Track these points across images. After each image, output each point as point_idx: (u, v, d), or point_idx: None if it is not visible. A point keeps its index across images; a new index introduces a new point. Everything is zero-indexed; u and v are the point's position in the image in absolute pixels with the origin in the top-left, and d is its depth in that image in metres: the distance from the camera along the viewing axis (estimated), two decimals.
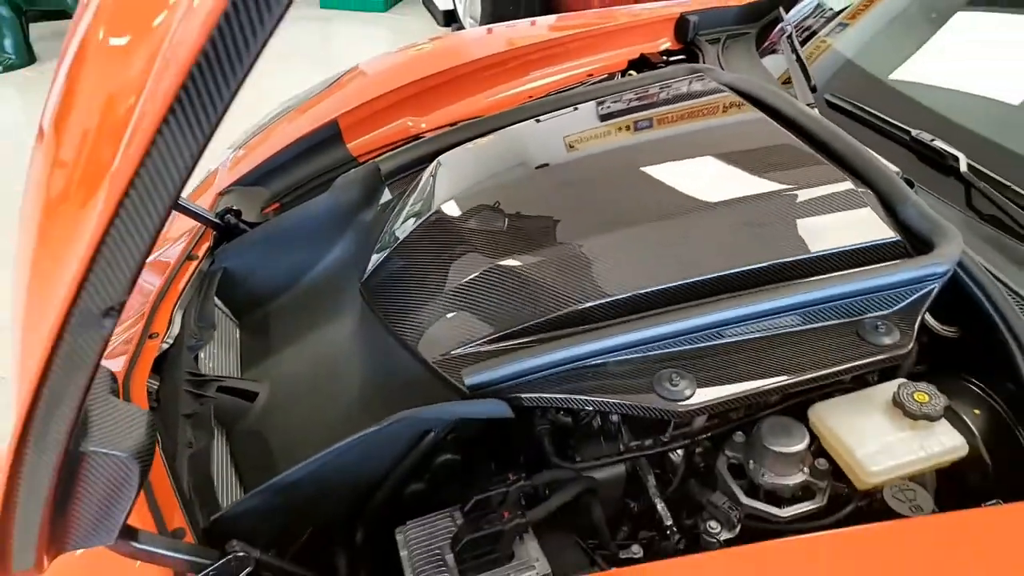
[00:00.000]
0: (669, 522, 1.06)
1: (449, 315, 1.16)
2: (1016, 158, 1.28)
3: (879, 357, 1.02)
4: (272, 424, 1.26)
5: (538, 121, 1.56)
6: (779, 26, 1.94)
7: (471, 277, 1.17)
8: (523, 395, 1.02)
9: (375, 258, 1.37)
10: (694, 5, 2.15)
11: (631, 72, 1.99)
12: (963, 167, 1.26)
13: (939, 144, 1.31)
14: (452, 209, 1.31)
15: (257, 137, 1.89)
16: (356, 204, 1.54)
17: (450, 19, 5.79)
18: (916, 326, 1.05)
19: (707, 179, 1.27)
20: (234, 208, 1.59)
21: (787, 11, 2.01)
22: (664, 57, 2.02)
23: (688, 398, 0.99)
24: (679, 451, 1.11)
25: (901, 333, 1.04)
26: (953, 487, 1.03)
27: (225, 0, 0.49)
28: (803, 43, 1.83)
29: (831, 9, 1.93)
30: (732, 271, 1.10)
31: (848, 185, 1.19)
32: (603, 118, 1.53)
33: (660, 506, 1.07)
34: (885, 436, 1.01)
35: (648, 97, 1.58)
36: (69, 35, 0.68)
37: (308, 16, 6.26)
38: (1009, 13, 1.71)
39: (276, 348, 1.42)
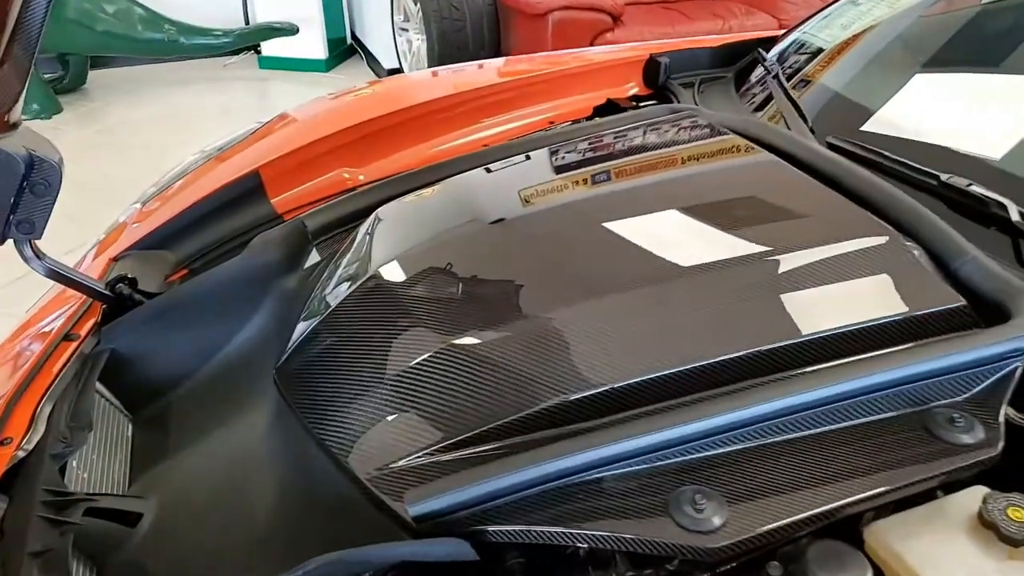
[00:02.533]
0: None
1: (388, 415, 0.88)
2: None
3: (963, 463, 0.77)
4: (158, 558, 0.97)
5: (497, 168, 1.31)
6: (759, 66, 1.75)
7: (417, 362, 0.90)
8: (489, 528, 0.75)
9: (297, 335, 1.09)
10: (659, 48, 1.95)
11: (597, 119, 1.77)
12: (1014, 216, 1.04)
13: (978, 190, 1.09)
14: (393, 272, 1.05)
15: (163, 192, 1.61)
16: (276, 268, 1.27)
17: None
18: (1001, 417, 0.81)
19: (713, 234, 1.03)
20: (128, 276, 1.31)
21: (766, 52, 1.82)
22: (634, 103, 1.81)
23: (719, 527, 0.72)
24: None
25: (985, 427, 0.80)
26: None
27: None
28: (762, 104, 1.64)
29: (816, 48, 1.74)
30: (756, 351, 0.85)
31: (893, 238, 0.95)
32: (577, 164, 1.29)
33: None
34: (976, 570, 0.75)
35: (629, 140, 1.34)
36: None
37: (246, 76, 6.03)
38: None
39: (173, 451, 1.14)
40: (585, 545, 0.75)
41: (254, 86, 5.90)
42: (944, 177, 1.14)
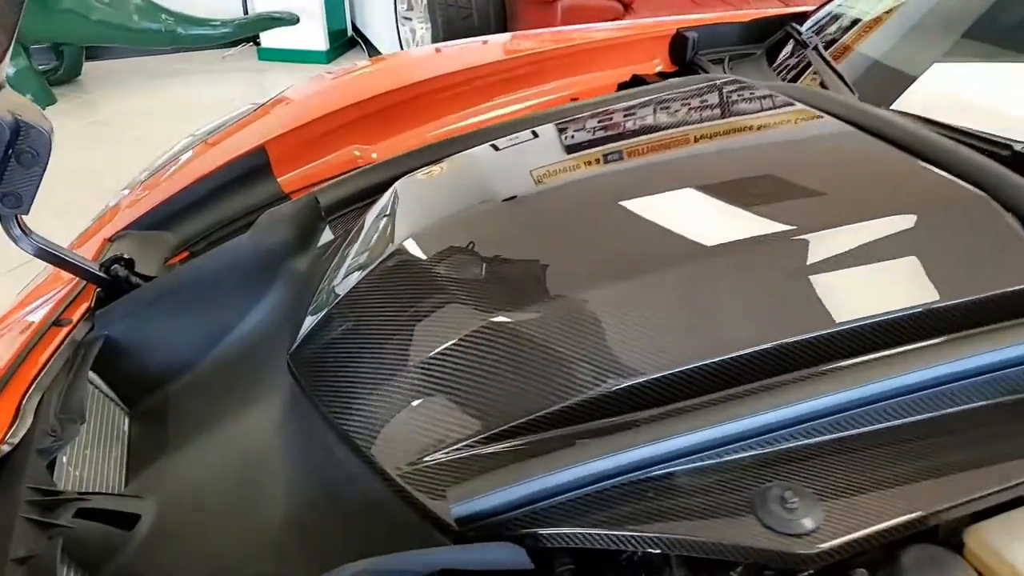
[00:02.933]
0: None
1: (420, 403, 0.78)
2: None
3: None
4: (158, 564, 0.87)
5: (532, 139, 1.21)
6: (792, 41, 1.65)
7: (452, 344, 0.80)
8: (542, 531, 0.65)
9: (311, 319, 0.99)
10: (685, 23, 1.85)
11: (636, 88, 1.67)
12: None
13: None
14: (422, 248, 0.95)
15: (162, 170, 1.51)
16: (287, 247, 1.16)
17: None
18: None
19: (785, 205, 0.92)
20: (125, 257, 1.20)
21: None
22: (661, 79, 1.71)
23: (814, 530, 0.62)
24: None
25: None
26: None
27: None
28: (799, 74, 1.56)
29: (854, 19, 1.64)
30: (838, 330, 0.75)
31: (988, 206, 0.85)
32: (622, 136, 1.18)
33: None
34: None
35: (680, 109, 1.23)
36: None
37: (245, 68, 5.93)
38: None
39: (174, 446, 1.03)
40: (657, 550, 0.65)
41: (253, 78, 5.80)
42: (1019, 147, 1.05)
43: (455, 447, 0.73)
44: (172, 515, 0.92)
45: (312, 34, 5.81)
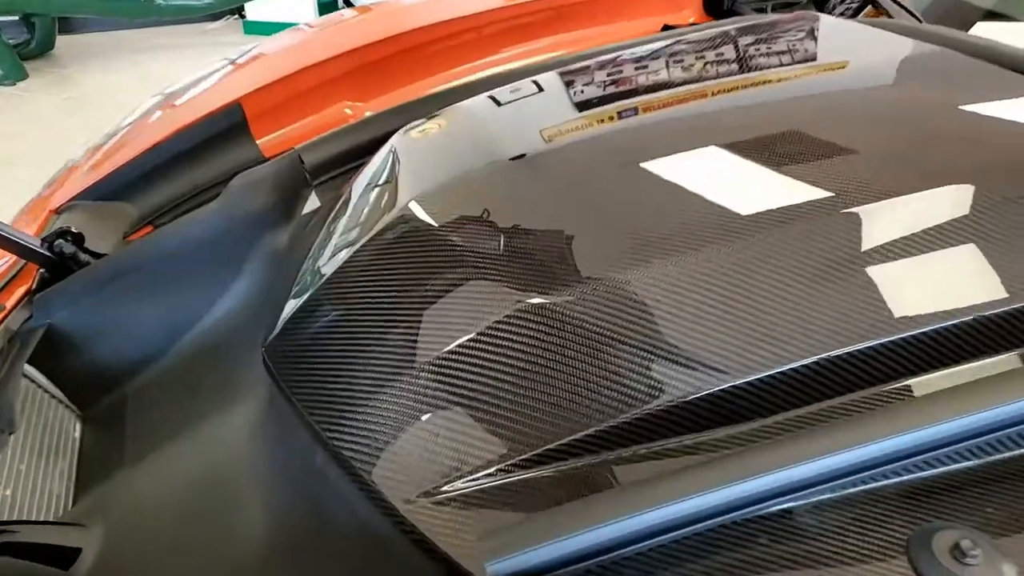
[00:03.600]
0: None
1: (428, 413, 0.60)
2: None
3: None
4: None
5: (556, 85, 1.01)
6: None
7: (469, 337, 0.62)
8: None
9: (293, 303, 0.81)
10: None
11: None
12: None
13: None
14: (423, 216, 0.76)
15: (123, 132, 1.31)
16: (264, 216, 1.00)
17: None
18: None
19: (929, 153, 0.73)
20: (73, 231, 1.02)
21: None
22: None
23: None
24: None
25: None
26: None
27: None
28: (858, 10, 1.40)
29: None
30: (983, 316, 0.56)
31: None
32: (687, 80, 0.98)
33: None
34: None
35: (764, 47, 1.04)
36: None
37: (230, 42, 5.71)
38: None
39: (132, 459, 0.86)
40: None
41: (238, 52, 5.59)
42: None
43: (483, 474, 0.55)
44: (123, 547, 0.74)
45: (301, 5, 5.64)
